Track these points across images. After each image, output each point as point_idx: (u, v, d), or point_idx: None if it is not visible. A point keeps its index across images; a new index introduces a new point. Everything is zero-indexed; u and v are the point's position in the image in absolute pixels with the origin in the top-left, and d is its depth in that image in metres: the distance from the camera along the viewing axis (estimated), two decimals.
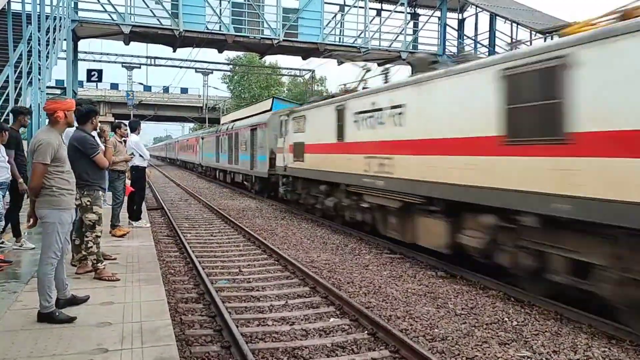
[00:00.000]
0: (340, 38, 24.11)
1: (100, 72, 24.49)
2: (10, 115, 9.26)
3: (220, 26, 21.20)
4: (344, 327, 6.12)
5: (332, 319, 6.43)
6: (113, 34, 20.59)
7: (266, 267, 9.27)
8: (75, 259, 6.61)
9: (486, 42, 23.30)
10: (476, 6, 22.99)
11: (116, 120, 10.98)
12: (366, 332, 5.95)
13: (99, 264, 6.15)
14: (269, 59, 57.80)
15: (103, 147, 7.63)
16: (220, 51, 24.14)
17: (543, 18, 20.65)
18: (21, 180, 7.33)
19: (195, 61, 35.60)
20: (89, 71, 25.02)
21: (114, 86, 58.63)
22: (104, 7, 19.83)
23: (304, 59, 25.29)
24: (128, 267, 6.81)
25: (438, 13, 24.54)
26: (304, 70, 37.96)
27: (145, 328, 4.49)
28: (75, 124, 5.85)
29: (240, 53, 53.57)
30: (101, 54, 35.23)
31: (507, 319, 6.46)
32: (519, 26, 20.51)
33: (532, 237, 6.86)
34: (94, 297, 5.32)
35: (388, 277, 8.56)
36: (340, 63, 25.31)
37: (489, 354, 5.33)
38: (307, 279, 8.21)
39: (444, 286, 8.00)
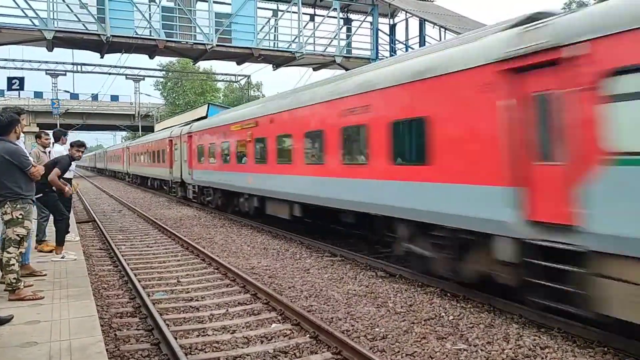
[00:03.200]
0: (274, 43, 24.08)
1: (22, 79, 23.14)
2: None
3: (150, 31, 20.62)
4: (285, 332, 6.09)
5: (273, 325, 6.38)
6: (35, 40, 19.52)
7: (205, 276, 9.08)
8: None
9: (417, 47, 24.00)
10: (406, 12, 23.67)
11: (39, 130, 10.33)
12: (308, 335, 5.94)
13: (19, 284, 5.74)
14: (204, 65, 56.93)
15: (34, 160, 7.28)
16: (151, 57, 23.46)
17: (470, 23, 21.54)
18: None
19: (126, 67, 34.30)
20: (10, 79, 23.59)
21: (38, 94, 55.46)
22: (24, 12, 18.76)
23: (238, 64, 25.04)
24: (55, 284, 6.44)
25: (370, 18, 25.04)
26: (239, 75, 37.54)
27: (74, 346, 4.26)
28: None
29: (173, 59, 52.46)
30: (23, 60, 33.29)
31: (444, 314, 6.65)
32: (447, 31, 21.30)
33: None
34: (18, 317, 4.99)
35: (329, 280, 8.60)
36: (275, 68, 25.28)
37: (427, 349, 5.46)
38: (247, 286, 8.10)
39: (384, 286, 8.13)
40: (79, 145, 9.14)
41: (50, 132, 10.29)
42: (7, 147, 5.74)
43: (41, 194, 7.70)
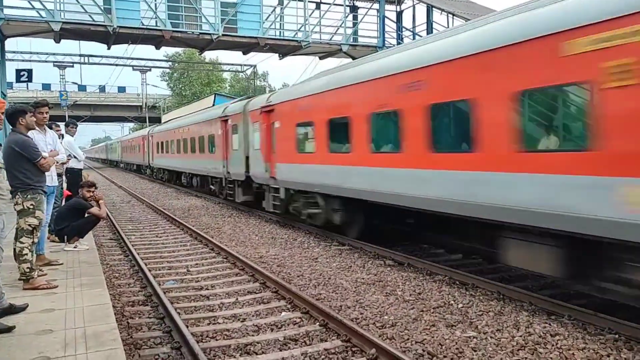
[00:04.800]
0: (280, 32, 23.97)
1: (30, 71, 23.13)
2: None
3: (156, 22, 20.57)
4: (295, 320, 6.14)
5: (283, 313, 6.43)
6: (42, 31, 19.54)
7: (215, 265, 9.15)
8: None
9: (424, 34, 23.81)
10: None
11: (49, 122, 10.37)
12: (317, 323, 5.99)
13: (32, 273, 5.83)
14: (210, 55, 56.89)
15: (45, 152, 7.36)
16: (157, 48, 23.45)
17: (479, 9, 21.33)
18: None
19: (132, 58, 34.36)
20: (18, 71, 23.60)
21: (46, 87, 55.67)
22: (31, 4, 18.79)
23: (244, 54, 24.97)
24: (69, 273, 6.53)
25: (377, 5, 24.85)
26: (245, 65, 37.46)
27: (89, 333, 4.33)
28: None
29: (179, 49, 52.37)
30: (31, 53, 33.49)
31: (453, 302, 6.68)
32: (454, 17, 21.10)
33: None
34: (33, 305, 5.07)
35: (337, 269, 8.64)
36: (281, 57, 25.20)
37: (436, 337, 5.49)
38: (256, 275, 8.16)
39: (392, 274, 8.17)
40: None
41: (62, 124, 10.37)
42: (16, 138, 5.82)
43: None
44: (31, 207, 5.74)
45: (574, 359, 4.88)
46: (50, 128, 9.39)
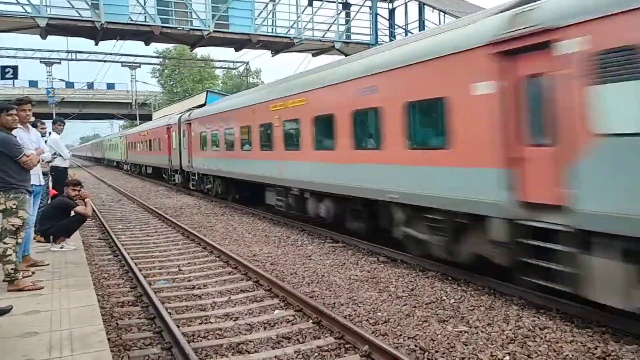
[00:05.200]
0: (273, 29, 23.82)
1: (15, 68, 22.78)
2: None
3: (145, 17, 20.37)
4: (288, 318, 6.07)
5: (276, 311, 6.36)
6: (28, 27, 19.30)
7: (207, 264, 9.05)
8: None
9: (416, 31, 23.78)
10: None
11: (34, 119, 10.18)
12: (311, 321, 5.92)
13: (17, 274, 5.69)
14: (201, 52, 56.44)
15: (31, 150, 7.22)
16: (146, 44, 23.19)
17: (469, 7, 21.31)
18: None
19: (121, 54, 34.03)
20: (3, 68, 23.24)
21: (33, 84, 54.95)
22: None
23: (236, 50, 24.81)
24: (55, 274, 6.40)
25: (369, 3, 24.77)
26: (238, 62, 37.20)
27: (75, 335, 4.22)
28: None
29: (169, 45, 52.03)
30: (16, 49, 33.05)
31: (445, 298, 6.65)
32: (446, 15, 21.08)
33: None
34: (17, 307, 4.95)
35: (331, 266, 8.58)
36: (274, 54, 25.07)
37: (429, 332, 5.46)
38: (249, 273, 8.07)
39: (385, 271, 8.11)
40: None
41: (48, 122, 10.21)
42: None
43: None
44: (14, 207, 5.59)
45: (562, 351, 4.89)
46: (35, 126, 9.25)
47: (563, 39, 5.38)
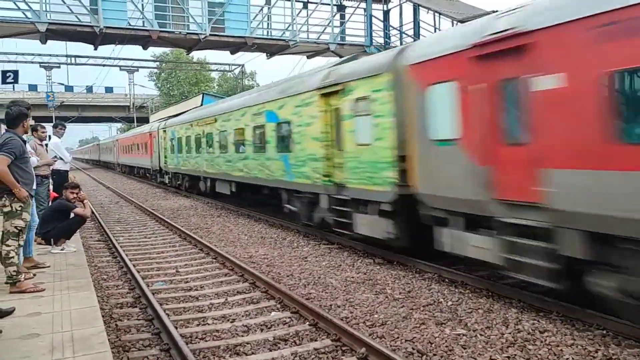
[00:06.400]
0: (268, 31, 23.90)
1: (16, 72, 22.78)
2: None
3: (143, 22, 20.41)
4: (285, 320, 6.14)
5: (273, 313, 6.43)
6: (28, 32, 19.29)
7: (204, 266, 9.11)
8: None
9: (411, 32, 23.89)
10: None
11: (34, 123, 10.24)
12: (307, 323, 5.99)
13: (19, 276, 5.75)
14: (197, 55, 56.51)
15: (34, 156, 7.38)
16: (144, 48, 23.26)
17: (464, 8, 21.42)
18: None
19: (119, 59, 34.06)
20: (4, 72, 23.25)
21: (33, 87, 55.02)
22: (16, 5, 18.55)
23: (232, 53, 24.85)
24: (56, 275, 6.46)
25: (364, 5, 24.85)
26: (233, 65, 37.26)
27: (76, 337, 4.29)
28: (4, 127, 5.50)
29: (166, 49, 51.99)
30: (16, 54, 32.98)
31: (442, 300, 6.70)
32: (441, 16, 21.18)
33: None
34: (19, 309, 5.01)
35: (327, 267, 8.65)
36: (269, 57, 25.12)
37: (426, 335, 5.51)
38: (246, 275, 8.14)
39: (382, 272, 8.18)
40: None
41: (47, 125, 10.28)
42: (5, 136, 5.74)
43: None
44: (19, 209, 5.66)
45: (562, 355, 4.92)
46: (35, 130, 9.33)
47: None
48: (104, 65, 33.04)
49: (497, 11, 7.19)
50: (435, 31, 21.36)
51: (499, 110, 6.25)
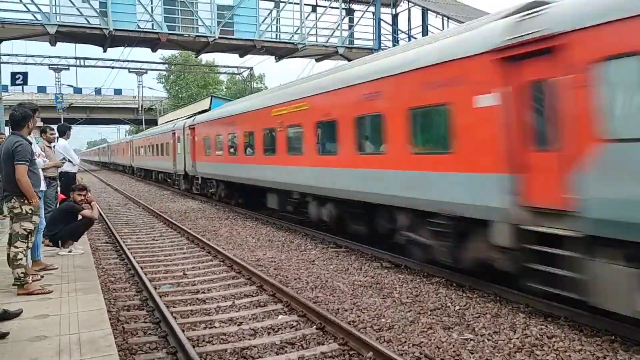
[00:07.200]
0: (277, 35, 23.98)
1: (25, 74, 23.06)
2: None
3: (152, 24, 20.57)
4: (292, 324, 6.12)
5: (280, 316, 6.41)
6: (38, 34, 19.52)
7: (211, 269, 9.11)
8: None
9: (420, 36, 23.86)
10: (408, 1, 23.52)
11: (43, 124, 10.30)
12: (314, 326, 5.96)
13: (27, 278, 5.77)
14: (206, 58, 56.72)
15: (42, 156, 7.43)
16: (153, 50, 23.41)
17: (473, 12, 21.38)
18: None
19: (128, 61, 34.18)
20: (13, 74, 23.52)
21: (42, 89, 55.59)
22: (26, 7, 18.75)
23: (241, 56, 24.97)
24: (63, 278, 6.49)
25: (372, 8, 24.89)
26: (242, 67, 37.37)
27: (83, 339, 4.30)
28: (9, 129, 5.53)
29: (175, 52, 52.30)
30: (26, 55, 33.25)
31: (450, 304, 6.66)
32: (449, 20, 21.16)
33: None
34: (27, 311, 5.03)
35: (334, 271, 8.62)
36: (278, 60, 25.20)
37: (434, 339, 5.47)
38: (253, 278, 8.13)
39: (389, 276, 8.15)
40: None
41: (55, 127, 10.34)
42: (12, 139, 5.77)
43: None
44: (29, 211, 5.70)
45: None
46: (44, 132, 9.38)
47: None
48: (112, 68, 33.21)
49: None
50: None
51: None
